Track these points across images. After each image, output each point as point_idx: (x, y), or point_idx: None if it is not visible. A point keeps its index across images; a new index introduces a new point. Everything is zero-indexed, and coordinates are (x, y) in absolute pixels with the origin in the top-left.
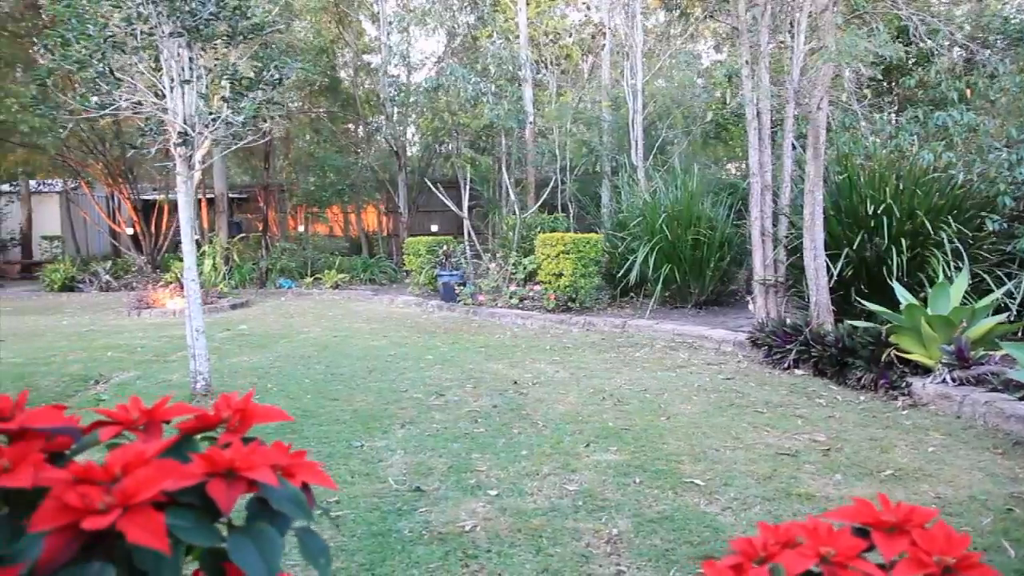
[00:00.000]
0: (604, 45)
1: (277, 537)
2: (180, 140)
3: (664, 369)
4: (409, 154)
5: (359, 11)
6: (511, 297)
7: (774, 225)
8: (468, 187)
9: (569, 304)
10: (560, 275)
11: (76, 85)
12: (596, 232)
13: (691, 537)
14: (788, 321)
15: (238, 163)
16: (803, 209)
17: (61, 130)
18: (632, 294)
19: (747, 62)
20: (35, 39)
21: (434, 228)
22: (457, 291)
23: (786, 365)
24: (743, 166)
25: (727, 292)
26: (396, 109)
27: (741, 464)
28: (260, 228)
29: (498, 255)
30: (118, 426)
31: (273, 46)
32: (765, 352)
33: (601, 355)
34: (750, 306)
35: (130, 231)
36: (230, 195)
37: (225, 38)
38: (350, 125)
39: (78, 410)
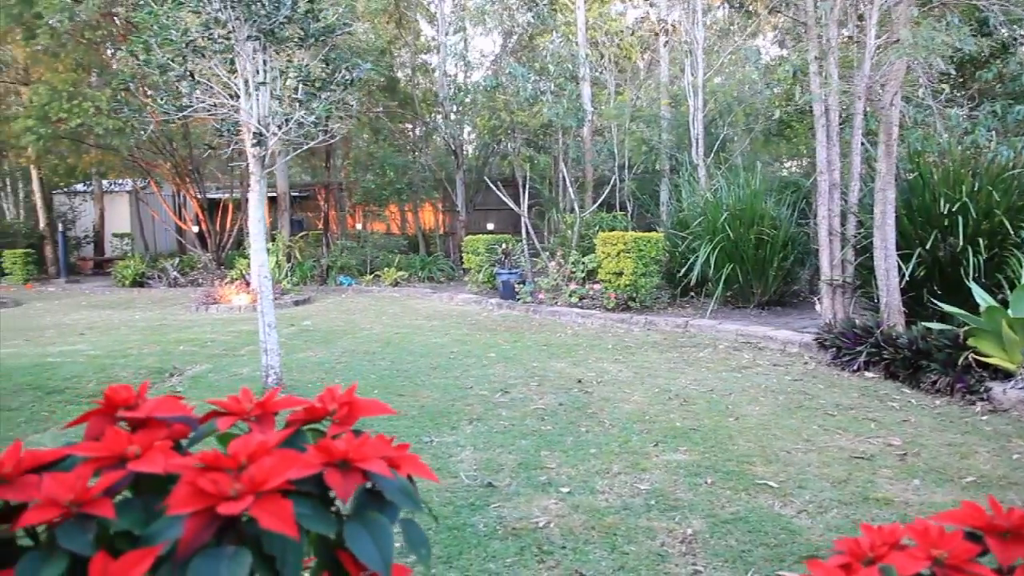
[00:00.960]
0: (666, 42)
1: (390, 527)
2: (255, 141)
3: (729, 370)
4: (466, 153)
5: (416, 12)
6: (571, 296)
7: (842, 224)
8: (527, 185)
9: (629, 303)
10: (620, 274)
11: (146, 89)
12: (655, 231)
13: (767, 539)
14: (857, 322)
15: (299, 162)
16: (873, 208)
17: (142, 132)
18: (692, 294)
19: (816, 58)
20: (109, 46)
21: (490, 226)
22: (516, 289)
23: (856, 367)
24: (804, 163)
25: (790, 292)
26: (455, 108)
27: (814, 467)
28: (320, 226)
29: (558, 254)
30: (233, 416)
31: (340, 48)
32: (833, 354)
33: (664, 355)
34: (816, 307)
35: (195, 229)
36: (291, 194)
37: (297, 40)
38: (407, 124)
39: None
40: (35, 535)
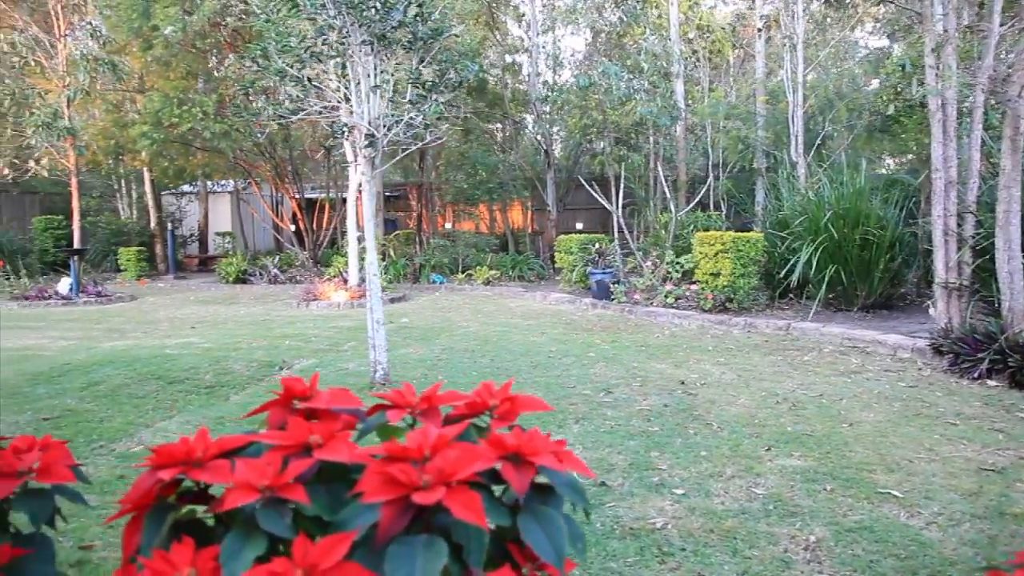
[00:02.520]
0: (769, 38)
1: (561, 521)
2: (367, 142)
3: (837, 374)
4: (555, 152)
5: (505, 12)
6: (667, 296)
7: (959, 224)
8: (622, 184)
9: (727, 304)
10: (718, 275)
11: (253, 94)
12: (751, 230)
13: (895, 550)
14: (978, 328)
15: (391, 162)
16: (994, 207)
17: (258, 135)
18: (792, 295)
19: (933, 50)
20: (213, 54)
21: (579, 226)
22: (611, 289)
23: (976, 375)
24: (908, 160)
25: (896, 295)
26: (548, 108)
27: (940, 478)
28: (412, 225)
29: (653, 253)
30: (401, 410)
31: (448, 50)
32: (950, 360)
33: (767, 358)
34: (930, 310)
35: (292, 227)
36: (384, 193)
37: (406, 44)
38: (496, 124)
39: (267, 394)
40: (220, 515)
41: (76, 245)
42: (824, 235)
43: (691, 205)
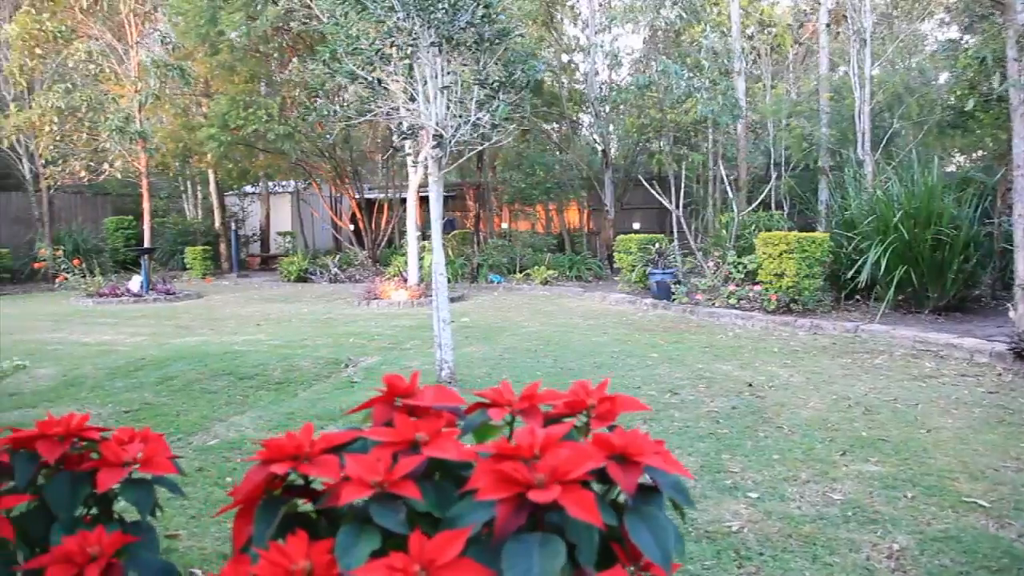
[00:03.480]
0: (838, 33)
1: (667, 521)
2: (435, 143)
3: (911, 378)
4: (613, 152)
5: (562, 12)
6: (729, 297)
7: None
8: (682, 184)
9: (791, 306)
10: (782, 275)
11: (319, 96)
12: (814, 230)
13: (986, 562)
14: None
15: (457, 162)
16: None
17: (327, 136)
18: (859, 297)
19: (1016, 41)
20: (275, 57)
21: (636, 225)
22: (672, 289)
23: None
24: (982, 157)
25: (970, 297)
26: (607, 107)
27: None
28: (469, 225)
29: (716, 254)
30: (504, 408)
31: (509, 50)
32: None
33: (835, 360)
34: (1010, 313)
35: (351, 227)
36: (443, 194)
37: (472, 44)
38: (551, 124)
39: (334, 390)
40: (321, 509)
41: (146, 244)
42: (894, 235)
43: (754, 205)
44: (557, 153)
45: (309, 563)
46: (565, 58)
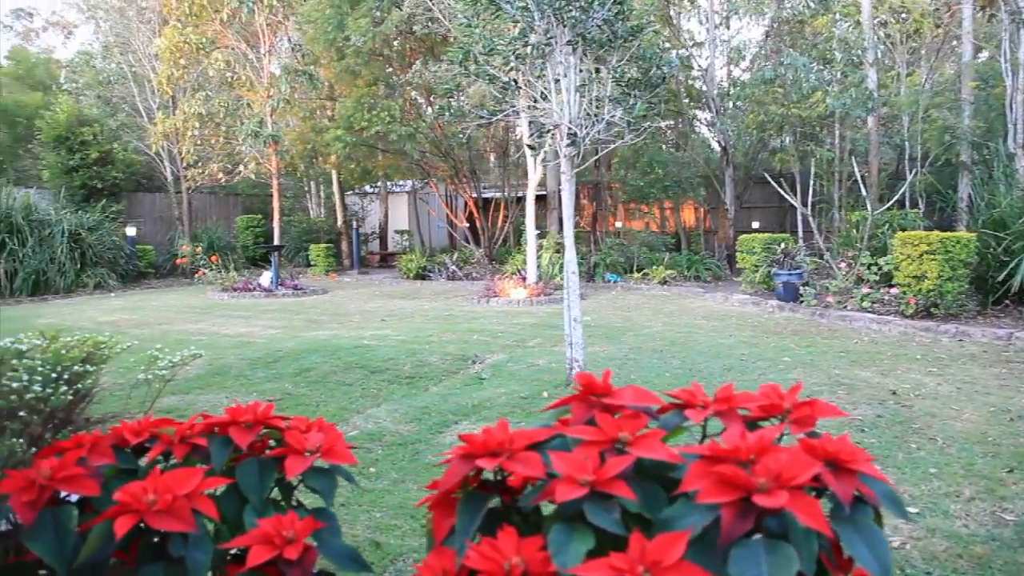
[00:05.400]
0: (992, 15)
1: (881, 534)
2: (569, 141)
3: None
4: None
5: (679, 6)
6: (862, 300)
7: None
8: (810, 181)
9: (931, 310)
10: (922, 278)
11: (443, 97)
12: (953, 229)
13: None
14: None
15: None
16: None
17: (461, 135)
18: (1008, 301)
19: None
20: (395, 61)
21: (755, 224)
22: (800, 291)
23: None
24: None
25: None
26: (729, 103)
27: None
28: (585, 224)
29: (848, 254)
30: (704, 410)
31: (641, 46)
32: None
33: (988, 370)
34: None
35: (466, 225)
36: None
37: (606, 42)
38: (669, 121)
39: (463, 386)
40: (511, 505)
41: (276, 242)
42: None
43: (890, 203)
44: (673, 151)
45: (521, 559)
46: (684, 53)
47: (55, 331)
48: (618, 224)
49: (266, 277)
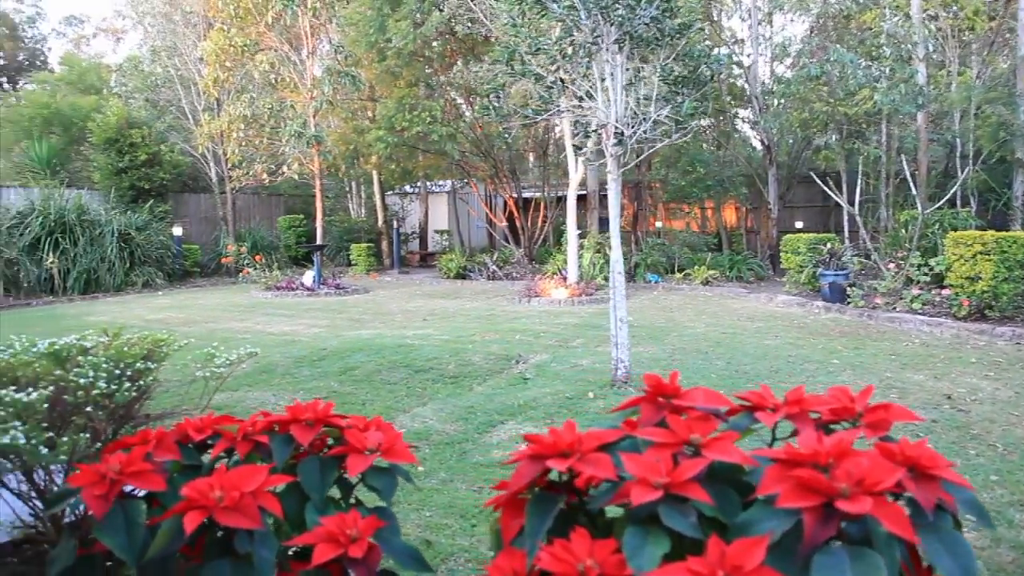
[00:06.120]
0: None
1: (966, 542)
2: (615, 140)
3: None
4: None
5: (721, 3)
6: (912, 301)
7: None
8: (858, 180)
9: (985, 312)
10: (976, 279)
11: (486, 97)
12: (1007, 229)
13: None
14: None
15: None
16: None
17: (506, 135)
18: None
19: None
20: (435, 62)
21: (798, 224)
22: (847, 292)
23: None
24: None
25: None
26: (774, 101)
27: None
28: (625, 224)
29: (898, 254)
30: (774, 413)
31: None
32: None
33: None
34: None
35: (505, 225)
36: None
37: (653, 40)
38: (710, 120)
39: (508, 386)
40: (576, 505)
41: (318, 241)
42: None
43: (942, 202)
44: (714, 149)
45: (595, 561)
46: (724, 51)
47: (118, 329)
48: (658, 224)
49: (309, 276)
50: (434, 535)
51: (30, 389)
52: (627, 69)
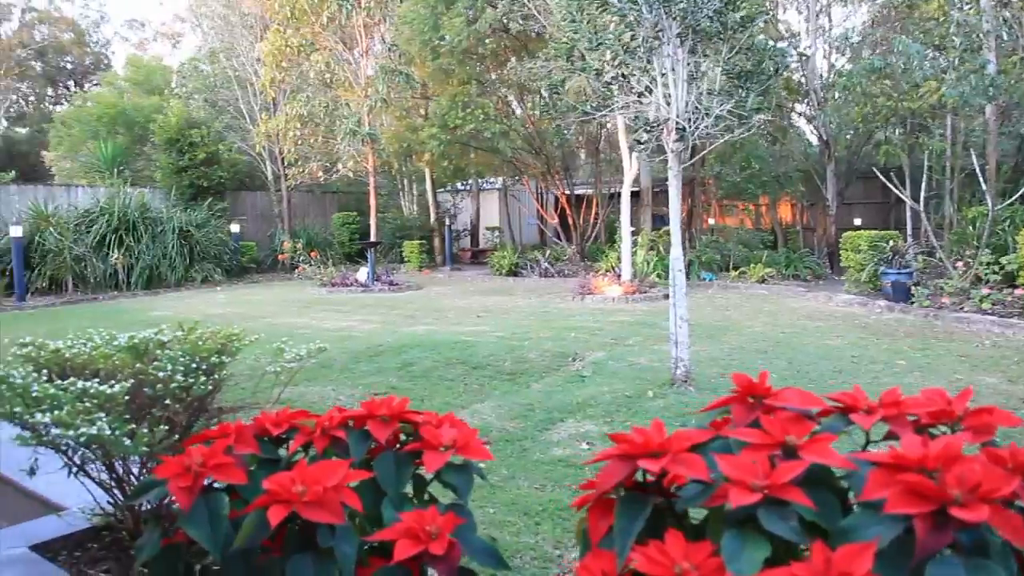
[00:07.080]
0: None
1: None
2: (677, 136)
3: None
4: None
5: None
6: (982, 301)
7: None
8: (923, 176)
9: None
10: None
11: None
12: None
13: None
14: None
15: (654, 157)
16: None
17: (566, 132)
18: None
19: None
20: (488, 59)
21: (857, 221)
22: (912, 291)
23: None
24: None
25: None
26: (836, 93)
27: None
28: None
29: (966, 253)
30: (870, 415)
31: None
32: None
33: None
34: None
35: (556, 222)
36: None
37: (716, 33)
38: (763, 114)
39: (565, 383)
40: (666, 508)
41: (372, 238)
42: None
43: (1014, 198)
44: (769, 144)
45: (692, 564)
46: (782, 44)
47: (194, 323)
48: (711, 221)
49: (363, 273)
50: (498, 532)
51: (112, 382)
52: (689, 63)
